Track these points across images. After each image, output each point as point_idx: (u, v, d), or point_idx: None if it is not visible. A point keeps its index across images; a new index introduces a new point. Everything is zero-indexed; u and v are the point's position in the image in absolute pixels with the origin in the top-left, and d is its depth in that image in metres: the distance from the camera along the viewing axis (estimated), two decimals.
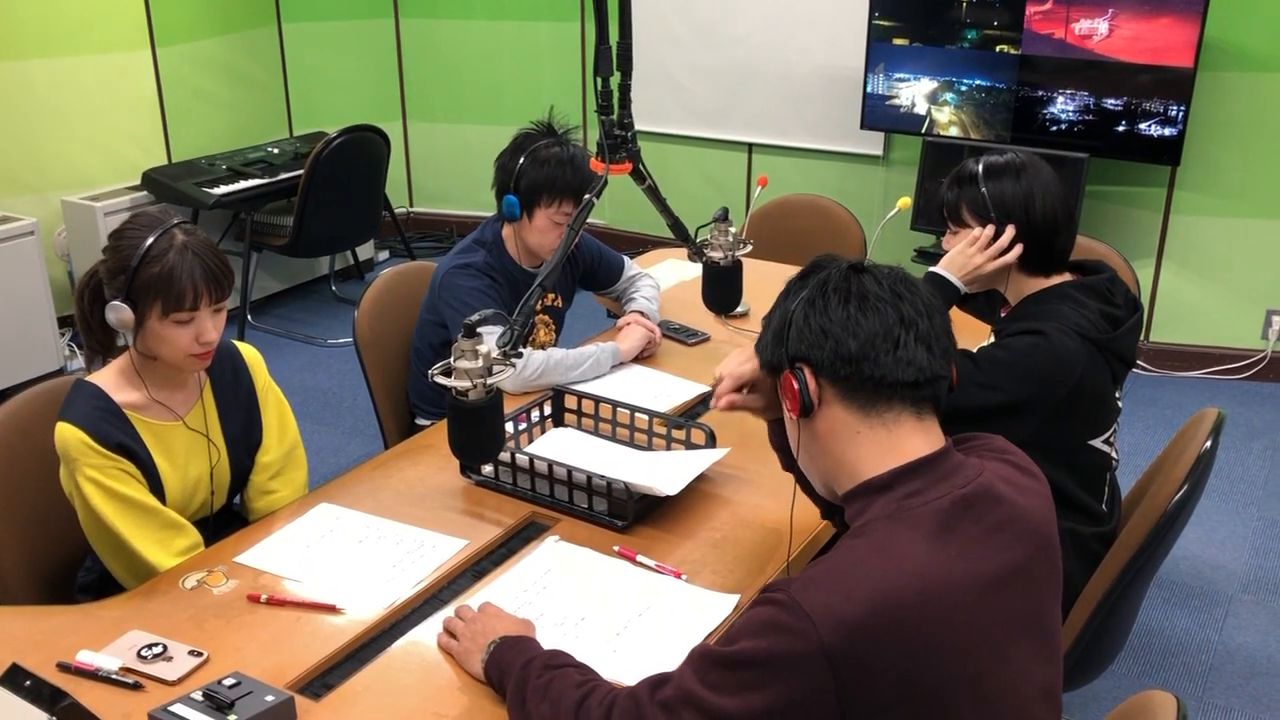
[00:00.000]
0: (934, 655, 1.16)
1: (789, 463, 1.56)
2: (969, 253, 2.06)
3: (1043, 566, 1.30)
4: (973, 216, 2.05)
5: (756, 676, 1.16)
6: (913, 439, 1.30)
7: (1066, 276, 2.06)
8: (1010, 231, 2.02)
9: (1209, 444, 1.84)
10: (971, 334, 2.41)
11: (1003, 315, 2.14)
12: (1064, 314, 1.95)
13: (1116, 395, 2.06)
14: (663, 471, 1.95)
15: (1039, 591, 1.28)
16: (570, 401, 2.24)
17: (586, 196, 1.96)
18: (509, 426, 2.05)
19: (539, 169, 2.47)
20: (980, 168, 2.05)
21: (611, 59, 1.94)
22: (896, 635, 1.14)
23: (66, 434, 1.79)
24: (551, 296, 2.72)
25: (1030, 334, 1.94)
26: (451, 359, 1.66)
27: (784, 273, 1.46)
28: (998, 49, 4.13)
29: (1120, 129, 3.98)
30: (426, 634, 1.63)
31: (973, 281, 2.08)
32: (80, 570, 2.02)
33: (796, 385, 1.32)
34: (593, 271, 2.81)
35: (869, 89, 4.44)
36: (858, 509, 1.30)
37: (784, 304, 1.39)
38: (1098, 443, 2.01)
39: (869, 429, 1.30)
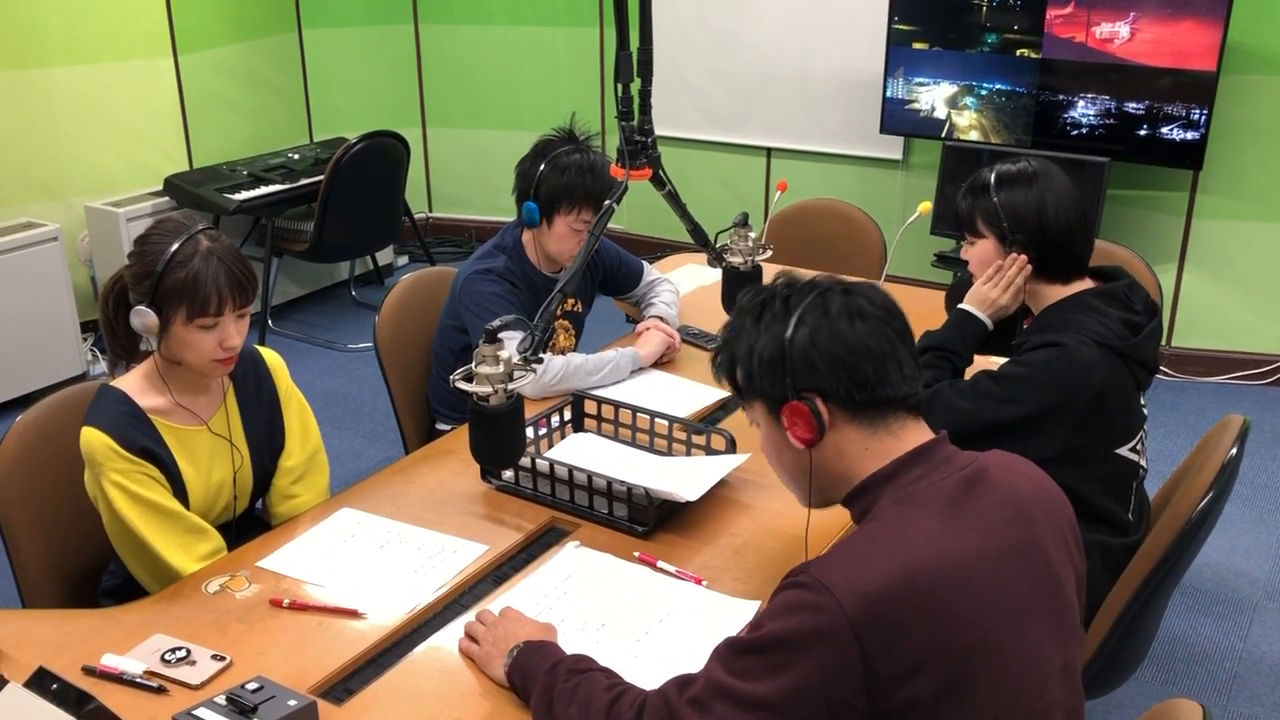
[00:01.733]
0: (952, 624, 1.19)
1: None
2: (986, 289, 2.10)
3: (1052, 546, 1.32)
4: (987, 227, 2.06)
5: (786, 656, 1.19)
6: (914, 436, 1.35)
7: (1086, 283, 2.05)
8: (1017, 259, 2.04)
9: (1234, 451, 1.82)
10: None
11: (1024, 326, 2.14)
12: (1083, 323, 1.95)
13: (1141, 402, 2.05)
14: (683, 477, 1.95)
15: (1050, 568, 1.30)
16: (590, 407, 2.24)
17: (607, 203, 1.96)
18: (529, 432, 2.05)
19: (559, 176, 2.47)
20: (993, 177, 2.06)
21: (632, 65, 1.94)
22: (915, 605, 1.18)
23: (92, 438, 1.80)
24: (571, 301, 2.72)
25: (1048, 346, 1.94)
26: (473, 364, 1.67)
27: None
28: (1018, 53, 4.11)
29: (1142, 133, 3.96)
30: (448, 639, 1.63)
31: (997, 314, 2.11)
32: (104, 574, 2.03)
33: (812, 415, 1.32)
34: (612, 277, 2.81)
35: (888, 93, 4.43)
36: (866, 502, 1.34)
37: (771, 330, 1.35)
38: (1124, 451, 2.00)
39: (878, 441, 1.34)
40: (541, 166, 2.49)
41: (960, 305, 2.15)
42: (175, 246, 1.80)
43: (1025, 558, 1.28)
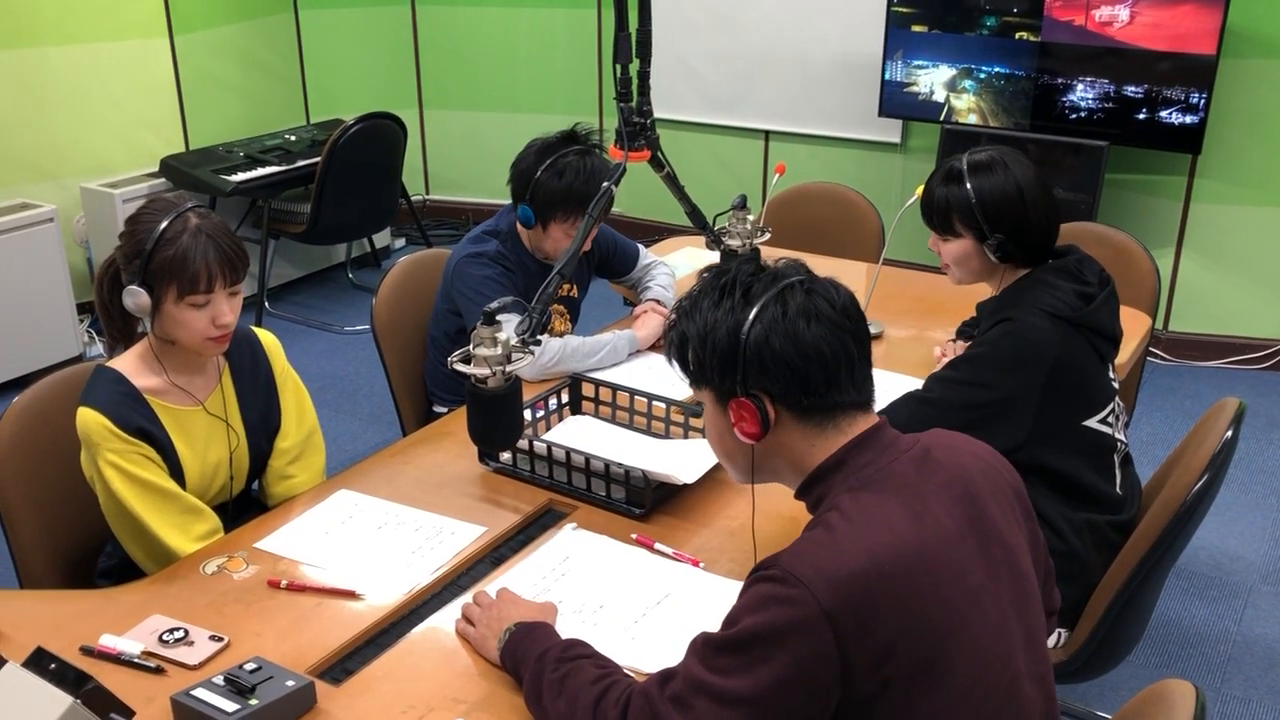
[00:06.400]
0: (919, 606, 1.21)
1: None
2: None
3: (1000, 517, 1.33)
4: (963, 224, 2.07)
5: (763, 651, 1.20)
6: (861, 426, 1.36)
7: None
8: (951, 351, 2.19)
9: (1230, 434, 1.83)
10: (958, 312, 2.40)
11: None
12: (1034, 298, 1.99)
13: (1110, 376, 2.06)
14: (680, 459, 1.95)
15: (1002, 540, 1.32)
16: (588, 389, 2.24)
17: (605, 185, 1.95)
18: (527, 414, 2.05)
19: (556, 180, 2.41)
20: (965, 166, 2.06)
21: (630, 46, 1.93)
22: (884, 590, 1.20)
23: (88, 418, 1.80)
24: (567, 287, 2.71)
25: (1000, 324, 1.99)
26: (470, 346, 1.67)
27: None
28: (1017, 36, 4.10)
29: (1141, 117, 3.95)
30: (445, 620, 1.64)
31: None
32: (101, 555, 2.03)
33: (758, 413, 1.32)
34: (608, 260, 2.80)
35: (887, 76, 4.42)
36: (818, 492, 1.35)
37: (727, 320, 1.33)
38: (1093, 423, 2.01)
39: (824, 439, 1.35)
40: (539, 171, 2.43)
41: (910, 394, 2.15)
42: (164, 224, 1.80)
43: (977, 532, 1.30)
